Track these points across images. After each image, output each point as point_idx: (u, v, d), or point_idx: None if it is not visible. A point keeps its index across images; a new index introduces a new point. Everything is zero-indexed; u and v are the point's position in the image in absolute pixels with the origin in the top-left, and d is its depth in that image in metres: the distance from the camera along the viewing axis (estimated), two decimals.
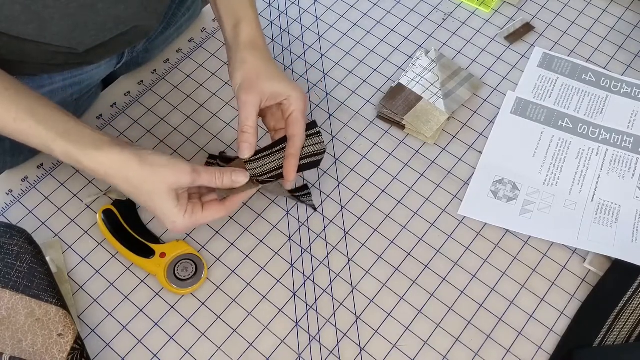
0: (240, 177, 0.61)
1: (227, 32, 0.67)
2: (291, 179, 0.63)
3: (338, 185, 0.74)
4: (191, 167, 0.59)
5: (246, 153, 0.62)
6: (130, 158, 0.58)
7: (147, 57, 0.82)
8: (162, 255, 0.67)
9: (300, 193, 0.70)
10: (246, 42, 0.65)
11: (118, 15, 0.64)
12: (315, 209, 0.71)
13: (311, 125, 0.64)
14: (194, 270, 0.66)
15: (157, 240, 0.69)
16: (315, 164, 0.65)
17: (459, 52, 0.85)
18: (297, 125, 0.63)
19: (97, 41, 0.66)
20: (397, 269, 0.68)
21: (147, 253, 0.67)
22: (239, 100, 0.63)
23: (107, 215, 0.69)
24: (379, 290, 0.67)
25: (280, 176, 0.63)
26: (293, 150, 0.63)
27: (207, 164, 0.72)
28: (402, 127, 0.77)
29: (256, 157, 0.63)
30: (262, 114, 0.66)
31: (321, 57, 0.84)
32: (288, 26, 0.87)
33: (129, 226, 0.68)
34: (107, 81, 0.82)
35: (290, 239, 0.70)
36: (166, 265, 0.66)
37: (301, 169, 0.64)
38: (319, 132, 0.65)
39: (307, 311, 0.66)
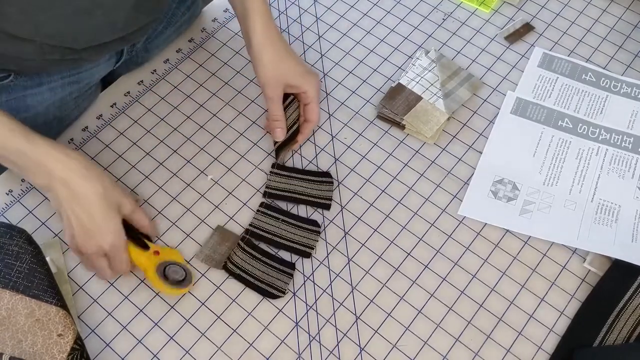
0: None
1: (240, 22, 0.74)
2: (299, 143, 0.75)
3: (338, 185, 0.74)
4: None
5: (280, 135, 0.73)
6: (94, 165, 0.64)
7: (146, 57, 0.82)
8: (156, 253, 0.66)
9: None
10: (260, 38, 0.72)
11: (115, 21, 0.64)
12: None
13: (327, 175, 0.74)
14: (183, 276, 0.66)
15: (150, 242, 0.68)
16: (323, 206, 0.72)
17: (459, 52, 0.85)
18: (313, 113, 0.75)
19: (94, 43, 0.66)
20: (397, 269, 0.68)
21: (143, 246, 0.66)
22: (266, 95, 0.73)
23: None
24: (379, 290, 0.67)
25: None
26: (307, 131, 0.76)
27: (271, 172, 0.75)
28: (402, 127, 0.77)
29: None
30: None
31: (321, 57, 0.84)
32: (288, 26, 0.87)
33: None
34: (107, 81, 0.82)
35: None
36: (157, 263, 0.65)
37: (311, 204, 0.72)
38: (331, 182, 0.73)
39: (307, 311, 0.66)
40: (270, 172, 0.74)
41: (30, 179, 0.62)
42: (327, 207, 0.71)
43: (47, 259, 0.63)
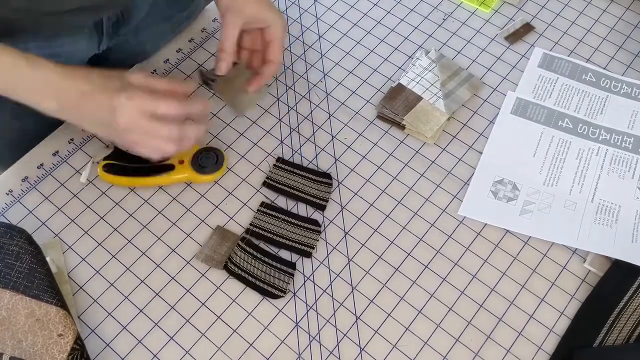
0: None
1: None
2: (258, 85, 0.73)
3: (338, 185, 0.74)
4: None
5: (223, 69, 0.70)
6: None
7: (137, 44, 0.81)
8: (181, 162, 0.71)
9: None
10: None
11: None
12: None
13: (327, 176, 0.74)
14: (216, 159, 0.72)
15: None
16: (318, 206, 0.72)
17: (459, 52, 0.85)
18: (275, 51, 0.71)
19: (64, 6, 0.64)
20: (397, 269, 0.68)
21: (167, 169, 0.70)
22: (223, 20, 0.69)
23: (109, 167, 0.71)
24: (379, 290, 0.67)
25: None
26: (268, 73, 0.72)
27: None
28: (402, 127, 0.77)
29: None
30: (241, 34, 0.71)
31: (321, 57, 0.84)
32: (288, 26, 0.87)
33: (135, 166, 0.71)
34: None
35: None
36: (189, 161, 0.71)
37: (307, 202, 0.72)
38: (330, 184, 0.73)
39: (307, 311, 0.66)
40: (274, 165, 0.74)
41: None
42: (322, 208, 0.71)
43: (47, 259, 0.63)
